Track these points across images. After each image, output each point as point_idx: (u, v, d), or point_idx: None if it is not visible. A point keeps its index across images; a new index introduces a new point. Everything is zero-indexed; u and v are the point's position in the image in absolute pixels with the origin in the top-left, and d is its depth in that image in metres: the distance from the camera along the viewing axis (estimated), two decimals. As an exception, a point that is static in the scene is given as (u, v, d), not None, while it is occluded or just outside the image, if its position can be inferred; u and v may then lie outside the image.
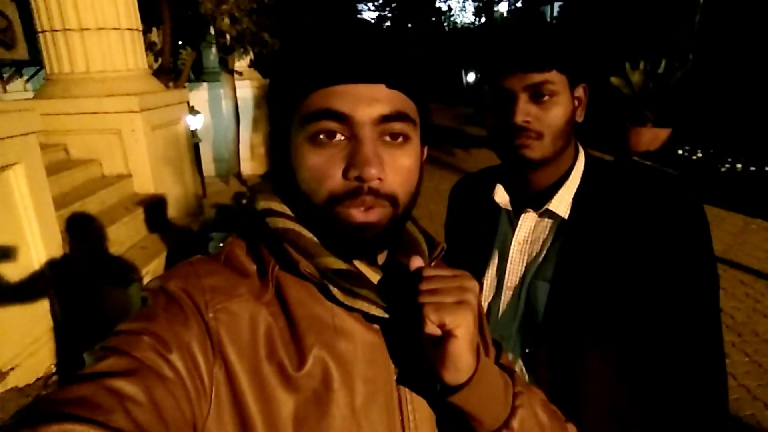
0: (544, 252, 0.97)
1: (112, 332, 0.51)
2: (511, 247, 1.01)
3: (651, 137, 7.85)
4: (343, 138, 0.54)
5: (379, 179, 0.54)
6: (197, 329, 0.51)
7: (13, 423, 0.40)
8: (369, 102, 0.54)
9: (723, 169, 6.89)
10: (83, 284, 3.08)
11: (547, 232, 0.98)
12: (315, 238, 0.58)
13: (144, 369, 0.47)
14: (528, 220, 0.99)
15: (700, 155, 7.57)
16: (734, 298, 3.55)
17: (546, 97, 0.88)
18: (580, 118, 0.95)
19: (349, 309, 0.57)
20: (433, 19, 27.66)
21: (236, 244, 0.61)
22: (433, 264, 0.68)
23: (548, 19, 14.94)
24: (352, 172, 0.53)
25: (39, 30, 3.81)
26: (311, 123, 0.54)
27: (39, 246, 2.76)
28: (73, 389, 0.44)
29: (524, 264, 1.00)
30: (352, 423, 0.54)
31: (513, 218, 1.02)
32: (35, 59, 4.73)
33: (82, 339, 2.87)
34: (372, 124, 0.54)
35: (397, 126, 0.55)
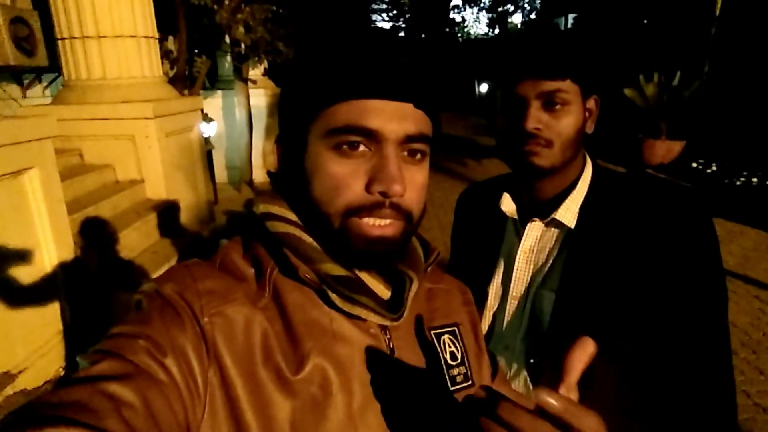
0: (550, 262, 0.96)
1: (107, 335, 0.51)
2: (517, 256, 1.00)
3: (665, 150, 7.78)
4: (366, 149, 0.55)
5: (401, 196, 0.55)
6: (192, 333, 0.51)
7: (5, 425, 0.40)
8: (398, 120, 0.55)
9: (738, 183, 6.80)
10: (94, 288, 3.11)
11: (553, 242, 0.97)
12: (315, 244, 0.59)
13: (139, 373, 0.47)
14: (534, 230, 0.99)
15: (714, 168, 7.48)
16: (749, 315, 3.48)
17: (558, 106, 0.87)
18: (590, 130, 0.95)
19: (348, 315, 0.57)
20: (447, 29, 27.78)
21: (232, 248, 0.61)
22: (428, 269, 0.68)
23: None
24: (377, 186, 0.54)
25: (58, 37, 3.89)
26: (338, 135, 0.55)
27: (51, 249, 2.79)
28: (68, 392, 0.43)
29: (530, 273, 0.99)
30: (349, 427, 0.54)
31: (519, 227, 1.01)
32: (54, 66, 4.82)
33: (91, 343, 2.88)
34: (398, 142, 0.55)
35: (419, 145, 0.57)
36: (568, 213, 0.94)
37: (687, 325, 0.86)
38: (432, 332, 0.67)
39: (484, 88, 18.93)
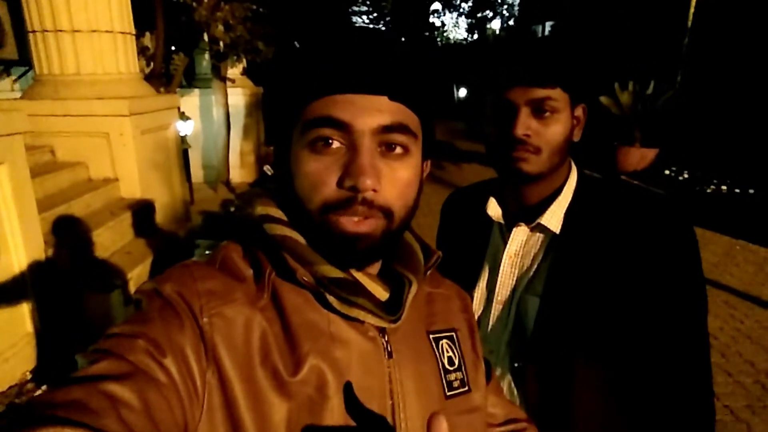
0: (535, 266, 0.97)
1: (106, 334, 0.50)
2: (503, 260, 1.00)
3: (639, 157, 7.96)
4: (341, 146, 0.54)
5: (374, 190, 0.54)
6: (191, 334, 0.51)
7: (4, 425, 0.39)
8: (370, 112, 0.54)
9: (708, 190, 7.00)
10: (64, 289, 3.02)
11: (538, 247, 0.98)
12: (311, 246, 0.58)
13: (137, 373, 0.46)
14: (520, 234, 0.99)
15: (686, 176, 7.68)
16: (718, 319, 3.57)
17: (547, 113, 0.88)
18: (576, 137, 0.96)
19: (346, 317, 0.57)
20: (427, 34, 27.97)
21: (232, 249, 0.60)
22: (428, 273, 0.68)
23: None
24: (347, 181, 0.53)
25: (29, 30, 3.77)
26: (311, 130, 0.55)
27: (20, 249, 2.70)
28: (66, 392, 0.43)
29: (515, 278, 0.99)
30: (346, 430, 0.54)
31: (505, 231, 1.02)
32: (24, 59, 4.68)
33: (61, 345, 2.81)
34: (371, 133, 0.54)
35: (397, 137, 0.55)
36: (554, 218, 0.94)
37: (668, 331, 0.87)
38: (431, 336, 0.66)
39: (462, 92, 19.10)
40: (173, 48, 6.36)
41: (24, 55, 4.44)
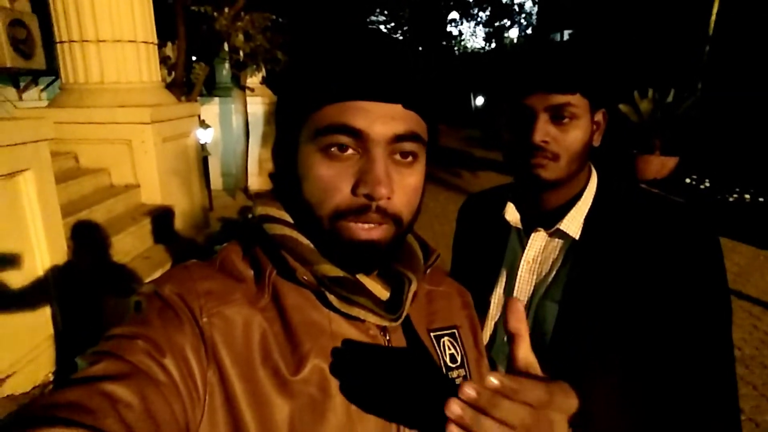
0: (554, 272, 0.96)
1: (105, 336, 0.51)
2: (520, 265, 0.99)
3: (659, 165, 7.84)
4: (354, 153, 0.54)
5: (387, 198, 0.54)
6: (191, 334, 0.51)
7: (5, 426, 0.40)
8: (385, 120, 0.54)
9: (731, 199, 6.86)
10: (86, 292, 3.08)
11: (557, 252, 0.97)
12: (312, 245, 0.58)
13: (137, 373, 0.46)
14: (538, 239, 0.98)
15: (707, 184, 7.55)
16: (742, 330, 3.49)
17: (566, 120, 0.87)
18: (597, 143, 0.95)
19: (347, 316, 0.57)
20: (444, 43, 28.04)
21: (232, 249, 0.61)
22: (428, 271, 0.68)
23: (558, 46, 15.08)
24: (362, 189, 0.53)
25: (57, 41, 3.89)
26: (325, 135, 0.54)
27: (44, 252, 2.76)
28: (66, 393, 0.43)
29: (533, 283, 0.98)
30: (348, 428, 0.54)
31: (523, 237, 1.01)
32: (51, 69, 4.80)
33: (81, 347, 2.84)
34: (386, 142, 0.54)
35: (409, 145, 0.56)
36: (573, 224, 0.94)
37: (691, 341, 0.85)
38: (432, 334, 0.66)
39: (480, 101, 19.08)
40: (194, 57, 6.47)
41: (51, 65, 4.56)
